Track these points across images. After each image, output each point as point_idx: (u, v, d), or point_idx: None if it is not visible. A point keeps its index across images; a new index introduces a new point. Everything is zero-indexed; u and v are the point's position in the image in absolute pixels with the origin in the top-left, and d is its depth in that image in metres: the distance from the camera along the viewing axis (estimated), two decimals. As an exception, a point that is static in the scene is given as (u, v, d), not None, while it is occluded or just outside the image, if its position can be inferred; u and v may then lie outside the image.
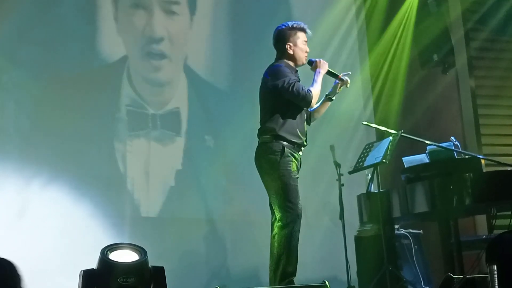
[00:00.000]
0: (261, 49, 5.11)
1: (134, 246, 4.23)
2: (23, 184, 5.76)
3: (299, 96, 4.25)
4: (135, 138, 6.42)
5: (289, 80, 4.25)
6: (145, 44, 6.63)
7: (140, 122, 6.46)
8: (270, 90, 4.31)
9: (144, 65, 6.65)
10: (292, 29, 4.45)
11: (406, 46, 7.64)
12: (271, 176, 4.24)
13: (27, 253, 5.22)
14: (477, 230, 6.97)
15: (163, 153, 6.52)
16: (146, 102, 6.53)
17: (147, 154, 6.45)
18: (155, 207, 6.41)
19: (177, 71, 6.78)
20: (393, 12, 7.70)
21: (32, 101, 5.99)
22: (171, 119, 6.60)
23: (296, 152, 4.30)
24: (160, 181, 6.48)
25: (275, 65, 4.41)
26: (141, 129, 6.46)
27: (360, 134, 7.20)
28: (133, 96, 6.49)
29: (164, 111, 6.60)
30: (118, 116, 6.38)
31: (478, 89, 7.57)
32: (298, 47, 4.43)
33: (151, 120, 6.51)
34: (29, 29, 6.06)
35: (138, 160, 6.40)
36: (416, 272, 5.93)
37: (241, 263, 6.51)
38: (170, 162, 6.56)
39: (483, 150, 7.22)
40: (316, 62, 4.48)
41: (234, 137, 6.52)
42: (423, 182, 5.21)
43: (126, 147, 6.37)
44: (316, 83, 4.38)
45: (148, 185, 6.42)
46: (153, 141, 6.50)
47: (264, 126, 4.34)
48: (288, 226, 4.16)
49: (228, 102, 6.85)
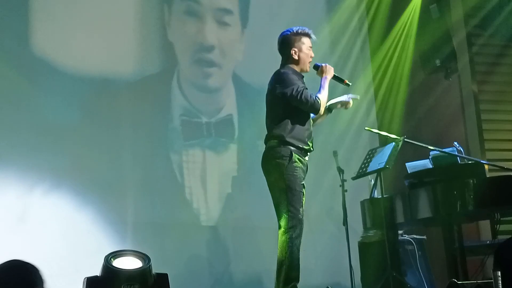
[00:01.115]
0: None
1: (138, 253, 4.23)
2: (45, 189, 5.81)
3: (307, 104, 4.28)
4: (190, 147, 6.54)
5: (298, 88, 4.28)
6: (196, 51, 6.75)
7: (195, 131, 6.59)
8: (279, 97, 4.33)
9: (193, 71, 6.77)
10: (297, 35, 4.46)
11: (408, 51, 7.64)
12: (277, 180, 4.26)
13: (30, 258, 5.21)
14: (481, 235, 6.95)
15: (219, 160, 6.67)
16: (199, 111, 6.65)
17: (202, 162, 6.57)
18: (214, 215, 6.58)
19: (226, 79, 6.90)
20: (395, 18, 7.71)
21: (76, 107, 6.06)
22: (225, 126, 6.72)
23: (303, 157, 4.33)
24: (217, 189, 6.62)
25: (282, 72, 4.42)
26: (196, 138, 6.59)
27: (363, 139, 7.19)
28: (185, 105, 6.62)
29: (217, 119, 6.71)
30: (172, 126, 6.53)
31: (481, 94, 7.56)
32: (303, 52, 4.44)
33: (205, 128, 6.64)
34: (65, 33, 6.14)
35: (195, 169, 6.53)
36: (420, 277, 5.92)
37: (244, 269, 6.50)
38: (226, 169, 6.68)
39: (487, 155, 7.21)
40: (322, 67, 4.51)
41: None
42: (427, 187, 5.21)
43: (181, 157, 6.49)
44: (323, 89, 4.41)
45: (206, 194, 6.56)
46: (207, 149, 6.63)
47: (271, 132, 4.36)
48: (289, 231, 4.17)
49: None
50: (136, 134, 6.30)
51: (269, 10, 7.05)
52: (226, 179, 6.67)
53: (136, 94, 6.38)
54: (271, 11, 6.81)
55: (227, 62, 6.90)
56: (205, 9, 6.83)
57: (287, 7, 7.18)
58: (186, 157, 6.52)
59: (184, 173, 6.48)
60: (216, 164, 6.64)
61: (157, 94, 6.54)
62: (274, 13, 7.06)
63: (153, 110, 6.45)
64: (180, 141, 6.55)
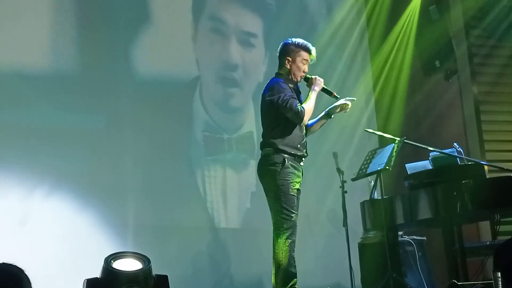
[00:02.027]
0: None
1: (138, 255, 4.23)
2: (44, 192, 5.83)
3: (291, 112, 4.38)
4: (211, 162, 6.69)
5: (284, 97, 4.38)
6: (220, 69, 6.89)
7: (217, 146, 6.73)
8: (268, 104, 4.46)
9: (216, 88, 6.90)
10: (297, 46, 4.55)
11: (408, 53, 7.64)
12: (270, 185, 4.40)
13: (31, 260, 5.22)
14: (481, 236, 6.95)
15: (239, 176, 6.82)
16: (221, 127, 6.79)
17: (223, 177, 6.73)
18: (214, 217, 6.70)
19: (247, 99, 7.01)
20: (395, 19, 7.71)
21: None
22: (245, 143, 6.86)
23: (297, 163, 4.43)
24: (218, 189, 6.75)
25: (274, 80, 4.54)
26: (219, 153, 6.74)
27: (363, 141, 7.19)
28: (207, 120, 6.76)
29: (238, 135, 6.87)
30: (195, 140, 6.68)
31: (480, 95, 7.56)
32: (296, 64, 4.54)
33: (226, 144, 6.79)
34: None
35: (216, 183, 6.69)
36: (420, 279, 5.91)
37: (244, 271, 6.50)
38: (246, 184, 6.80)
39: (486, 156, 7.21)
40: (312, 79, 4.61)
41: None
42: (427, 188, 5.21)
43: (204, 171, 6.64)
44: (310, 100, 4.51)
45: (205, 195, 6.68)
46: (228, 165, 6.79)
47: (265, 140, 4.50)
48: (284, 233, 4.30)
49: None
50: (138, 138, 6.31)
51: (290, 34, 7.15)
52: (226, 179, 6.72)
53: (143, 98, 6.42)
54: (292, 35, 6.99)
55: (249, 83, 7.03)
56: (231, 30, 6.97)
57: (305, 26, 7.32)
58: (208, 172, 6.67)
59: (201, 181, 6.63)
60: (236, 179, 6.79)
61: (178, 104, 6.67)
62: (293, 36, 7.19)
63: (158, 115, 6.49)
64: (185, 145, 6.64)
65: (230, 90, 6.95)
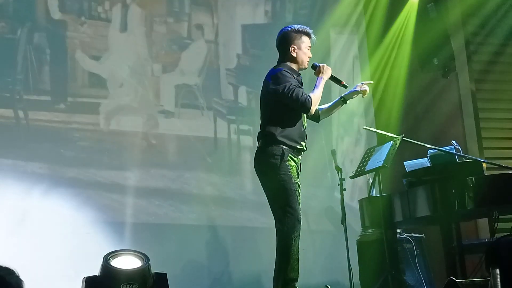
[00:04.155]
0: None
1: (137, 253, 4.23)
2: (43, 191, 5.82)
3: (298, 102, 4.18)
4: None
5: (290, 86, 4.19)
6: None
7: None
8: (271, 94, 4.26)
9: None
10: (298, 32, 4.38)
11: (406, 50, 7.64)
12: (271, 180, 4.18)
13: (29, 259, 5.23)
14: (479, 234, 6.96)
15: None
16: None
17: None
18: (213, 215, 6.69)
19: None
20: (393, 17, 7.70)
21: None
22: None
23: (296, 156, 4.24)
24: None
25: (277, 69, 4.33)
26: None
27: (361, 138, 7.19)
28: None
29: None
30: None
31: (478, 93, 7.56)
32: (302, 51, 4.36)
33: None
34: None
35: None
36: (419, 276, 5.92)
37: (243, 269, 6.50)
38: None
39: (484, 154, 7.22)
40: (320, 67, 4.41)
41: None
42: (425, 186, 5.21)
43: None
44: (317, 88, 4.32)
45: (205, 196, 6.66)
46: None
47: (263, 131, 4.29)
48: (288, 231, 4.09)
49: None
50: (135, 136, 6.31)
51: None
52: (226, 179, 6.71)
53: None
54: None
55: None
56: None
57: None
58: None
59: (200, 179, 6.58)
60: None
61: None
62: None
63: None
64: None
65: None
